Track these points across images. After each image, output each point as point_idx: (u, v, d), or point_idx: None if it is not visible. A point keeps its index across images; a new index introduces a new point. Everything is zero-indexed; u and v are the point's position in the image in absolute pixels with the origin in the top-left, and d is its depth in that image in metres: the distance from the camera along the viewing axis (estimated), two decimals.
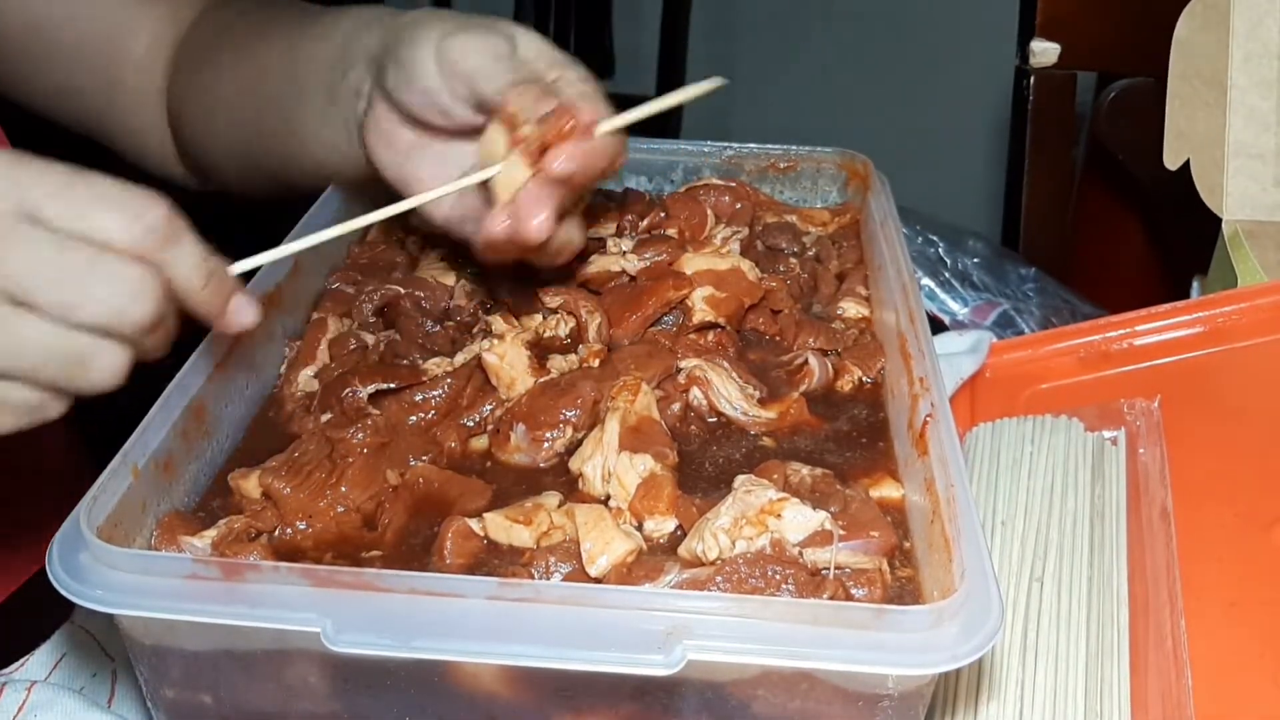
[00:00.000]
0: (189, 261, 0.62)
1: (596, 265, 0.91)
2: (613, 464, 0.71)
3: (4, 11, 1.01)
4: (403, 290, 0.90)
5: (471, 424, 0.79)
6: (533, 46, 0.78)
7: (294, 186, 0.97)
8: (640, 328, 0.86)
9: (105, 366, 0.61)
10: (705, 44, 3.30)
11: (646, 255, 0.90)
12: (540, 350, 0.84)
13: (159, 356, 0.65)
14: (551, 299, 0.87)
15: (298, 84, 0.90)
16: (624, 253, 0.91)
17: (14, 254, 0.58)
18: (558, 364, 0.82)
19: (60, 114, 1.09)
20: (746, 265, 0.89)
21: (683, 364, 0.82)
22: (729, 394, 0.80)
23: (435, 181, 0.79)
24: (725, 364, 0.82)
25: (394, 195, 0.81)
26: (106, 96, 1.06)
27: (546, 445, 0.76)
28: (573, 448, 0.76)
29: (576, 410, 0.76)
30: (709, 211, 0.99)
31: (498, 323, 0.85)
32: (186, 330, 0.67)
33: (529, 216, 0.72)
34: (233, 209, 1.09)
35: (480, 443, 0.78)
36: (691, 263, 0.89)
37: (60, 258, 0.59)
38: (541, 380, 0.80)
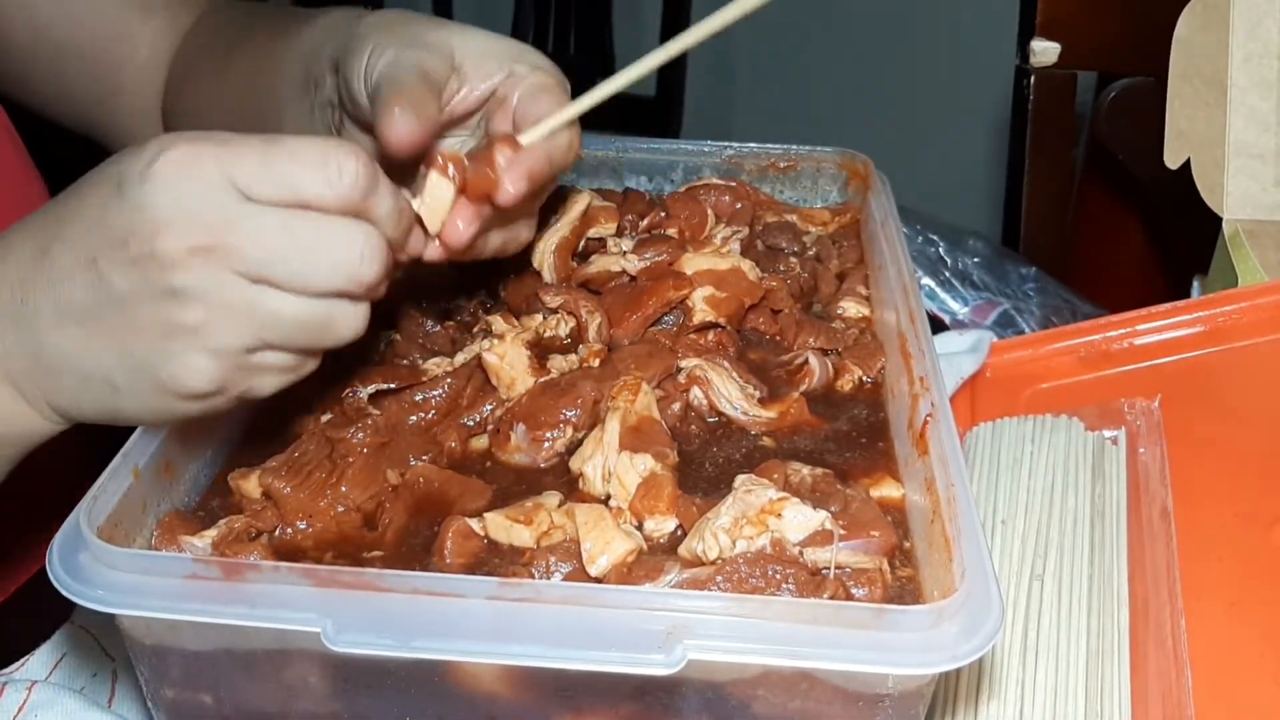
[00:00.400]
0: (386, 205, 0.63)
1: (596, 265, 0.91)
2: (613, 464, 0.71)
3: (7, 16, 1.01)
4: (402, 290, 0.90)
5: (471, 424, 0.79)
6: (476, 49, 0.78)
7: None
8: (640, 328, 0.85)
9: (350, 322, 0.63)
10: (705, 44, 3.29)
11: (647, 255, 0.90)
12: (540, 350, 0.84)
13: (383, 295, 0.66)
14: (551, 299, 0.87)
15: (275, 95, 0.90)
16: (624, 253, 0.91)
17: (241, 237, 0.59)
18: (558, 364, 0.82)
19: (61, 117, 1.09)
20: (747, 265, 0.89)
21: (683, 364, 0.82)
22: (729, 394, 0.80)
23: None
24: (725, 364, 0.82)
25: None
26: (107, 102, 1.06)
27: (547, 445, 0.76)
28: (573, 447, 0.76)
29: (577, 410, 0.76)
30: (709, 211, 0.99)
31: (498, 323, 0.85)
32: None
33: (453, 231, 0.73)
34: None
35: (480, 443, 0.78)
36: (692, 263, 0.88)
37: (284, 233, 0.60)
38: (541, 380, 0.80)
